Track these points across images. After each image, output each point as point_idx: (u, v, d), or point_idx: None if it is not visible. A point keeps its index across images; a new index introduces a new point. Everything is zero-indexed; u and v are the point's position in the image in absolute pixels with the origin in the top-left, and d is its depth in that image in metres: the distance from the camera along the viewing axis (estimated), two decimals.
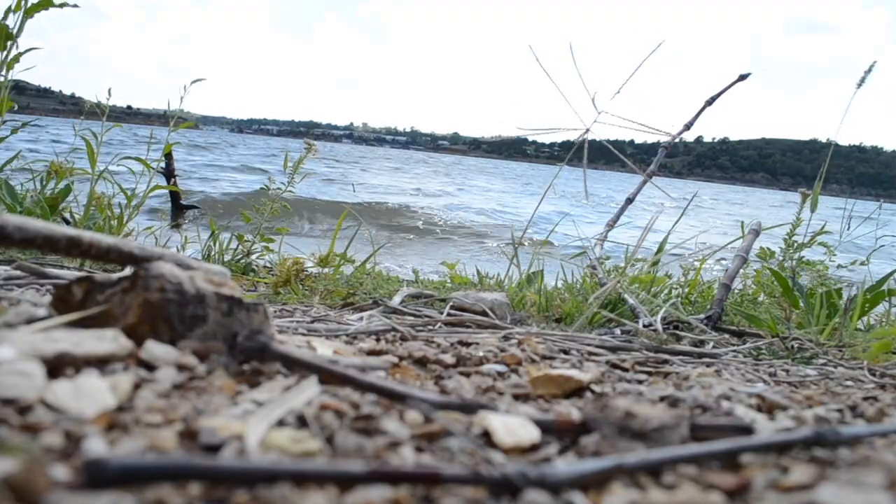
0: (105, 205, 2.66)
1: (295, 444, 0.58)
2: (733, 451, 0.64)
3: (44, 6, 2.17)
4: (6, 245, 0.75)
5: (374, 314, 1.58)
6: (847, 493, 0.54)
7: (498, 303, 1.80)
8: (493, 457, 0.60)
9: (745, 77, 2.64)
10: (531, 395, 0.91)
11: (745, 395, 0.97)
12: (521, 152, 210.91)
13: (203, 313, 0.81)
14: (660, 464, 0.60)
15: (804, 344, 1.66)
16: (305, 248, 2.52)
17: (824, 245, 2.23)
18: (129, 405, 0.62)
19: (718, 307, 1.90)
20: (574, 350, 1.34)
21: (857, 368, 1.37)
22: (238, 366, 0.80)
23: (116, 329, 0.77)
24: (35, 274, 1.53)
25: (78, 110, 2.92)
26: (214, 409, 0.65)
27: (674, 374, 1.18)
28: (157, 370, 0.72)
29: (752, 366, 1.36)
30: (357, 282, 2.23)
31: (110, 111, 2.71)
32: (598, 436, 0.68)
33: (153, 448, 0.54)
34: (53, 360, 0.67)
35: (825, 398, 1.03)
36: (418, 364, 1.04)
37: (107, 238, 0.85)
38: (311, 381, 0.75)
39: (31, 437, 0.52)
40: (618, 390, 0.99)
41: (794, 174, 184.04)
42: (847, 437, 0.71)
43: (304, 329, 1.30)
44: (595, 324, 1.82)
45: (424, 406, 0.70)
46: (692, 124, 2.66)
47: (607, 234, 2.64)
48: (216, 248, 2.75)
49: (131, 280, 0.80)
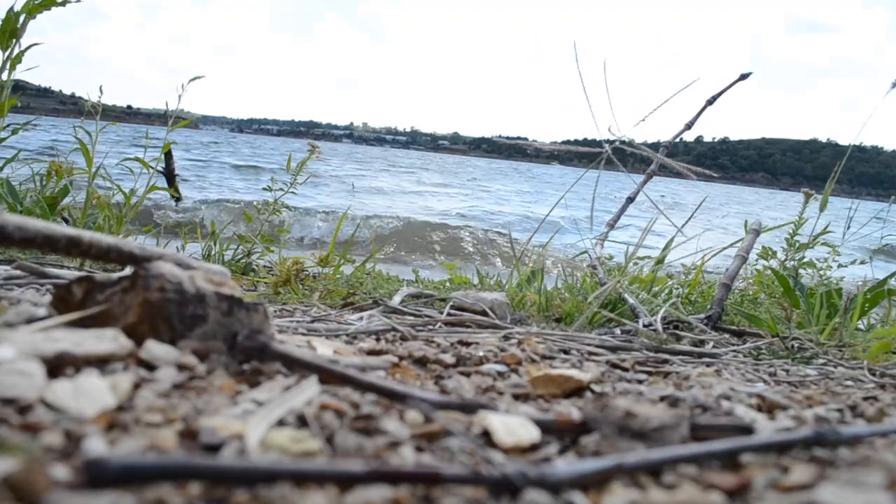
0: (105, 204, 2.66)
1: (295, 443, 0.58)
2: (733, 451, 0.64)
3: (46, 6, 2.17)
4: (6, 245, 0.75)
5: (375, 314, 1.58)
6: (847, 493, 0.54)
7: (498, 302, 1.80)
8: (493, 457, 0.60)
9: (746, 77, 2.64)
10: (531, 394, 0.90)
11: (746, 395, 0.97)
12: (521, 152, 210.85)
13: (203, 313, 0.81)
14: (660, 463, 0.60)
15: (804, 344, 1.66)
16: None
17: (828, 245, 2.23)
18: (129, 405, 0.62)
19: (718, 307, 1.90)
20: (574, 350, 1.34)
21: (857, 368, 1.37)
22: (238, 365, 0.80)
23: (116, 329, 0.77)
24: (35, 274, 1.53)
25: (78, 110, 2.92)
26: (214, 408, 0.65)
27: (674, 373, 1.18)
28: (157, 370, 0.72)
29: (753, 366, 1.36)
30: (357, 281, 2.23)
31: (110, 111, 2.71)
32: (598, 435, 0.68)
33: (153, 448, 0.54)
34: (53, 360, 0.67)
35: (825, 398, 1.03)
36: (418, 364, 1.04)
37: (107, 238, 0.85)
38: (311, 381, 0.75)
39: (32, 437, 0.52)
40: (618, 390, 0.99)
41: (794, 174, 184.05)
42: (847, 437, 0.71)
43: (304, 329, 1.30)
44: (595, 324, 1.82)
45: (424, 406, 0.70)
46: (693, 124, 2.66)
47: (608, 234, 2.64)
48: (216, 248, 2.75)
49: (131, 280, 0.80)
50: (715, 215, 11.12)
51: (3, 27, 2.08)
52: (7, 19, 2.08)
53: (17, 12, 2.09)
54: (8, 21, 2.08)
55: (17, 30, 2.12)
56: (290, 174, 2.74)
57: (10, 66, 2.18)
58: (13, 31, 2.12)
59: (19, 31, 2.14)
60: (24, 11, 2.13)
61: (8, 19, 2.08)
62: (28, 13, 2.13)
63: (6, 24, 2.09)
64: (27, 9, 2.13)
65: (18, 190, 2.52)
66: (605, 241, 2.60)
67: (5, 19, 2.08)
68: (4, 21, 2.09)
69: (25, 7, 2.14)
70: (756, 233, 2.28)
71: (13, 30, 2.11)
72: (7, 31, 2.10)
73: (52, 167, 2.71)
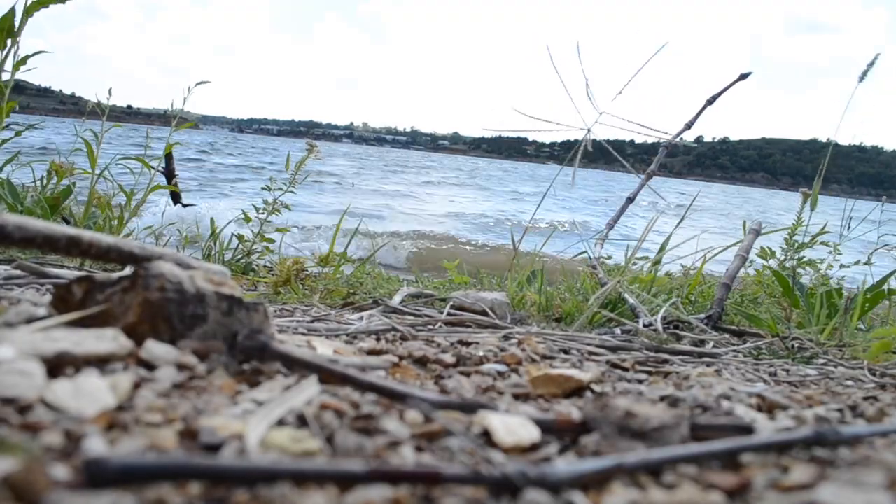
0: (105, 204, 2.66)
1: (295, 443, 0.58)
2: (733, 451, 0.64)
3: (44, 4, 2.17)
4: (6, 244, 0.75)
5: (375, 314, 1.58)
6: (847, 493, 0.54)
7: (498, 302, 1.80)
8: (493, 456, 0.60)
9: (746, 76, 2.64)
10: (531, 394, 0.90)
11: (746, 395, 0.97)
12: (521, 152, 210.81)
13: (203, 313, 0.81)
14: (660, 463, 0.60)
15: (804, 344, 1.66)
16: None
17: (827, 244, 2.23)
18: (129, 404, 0.62)
19: (718, 307, 1.90)
20: (574, 350, 1.33)
21: (858, 368, 1.37)
22: (238, 365, 0.80)
23: (116, 328, 0.77)
24: (35, 273, 1.53)
25: (78, 110, 2.93)
26: (214, 408, 0.65)
27: (674, 373, 1.18)
28: (157, 370, 0.72)
29: (753, 365, 1.36)
30: (357, 281, 2.23)
31: (110, 111, 2.71)
32: (598, 435, 0.68)
33: (153, 447, 0.54)
34: (53, 360, 0.67)
35: (825, 398, 1.03)
36: (418, 364, 1.04)
37: (107, 237, 0.85)
38: (311, 381, 0.75)
39: (31, 437, 0.52)
40: (618, 390, 0.99)
41: (794, 174, 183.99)
42: (847, 437, 0.71)
43: (304, 329, 1.30)
44: (595, 323, 1.82)
45: (424, 406, 0.70)
46: (693, 124, 2.66)
47: (608, 234, 2.64)
48: (216, 248, 2.75)
49: (131, 279, 0.80)
50: (731, 217, 10.91)
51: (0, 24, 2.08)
52: (4, 17, 2.08)
53: (12, 10, 2.09)
54: (4, 19, 2.08)
55: (13, 28, 2.12)
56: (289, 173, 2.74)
57: (13, 69, 2.19)
58: (10, 29, 2.11)
59: (16, 30, 2.13)
60: (27, 12, 2.13)
61: (4, 18, 2.08)
62: (25, 11, 2.13)
63: (3, 22, 2.09)
64: (25, 7, 2.13)
65: (21, 190, 2.52)
66: (604, 240, 2.60)
67: (2, 18, 2.08)
68: (2, 19, 2.08)
69: (27, 7, 2.14)
70: (756, 233, 2.27)
71: (10, 28, 2.11)
72: (4, 30, 2.10)
73: (53, 167, 2.71)
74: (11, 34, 2.13)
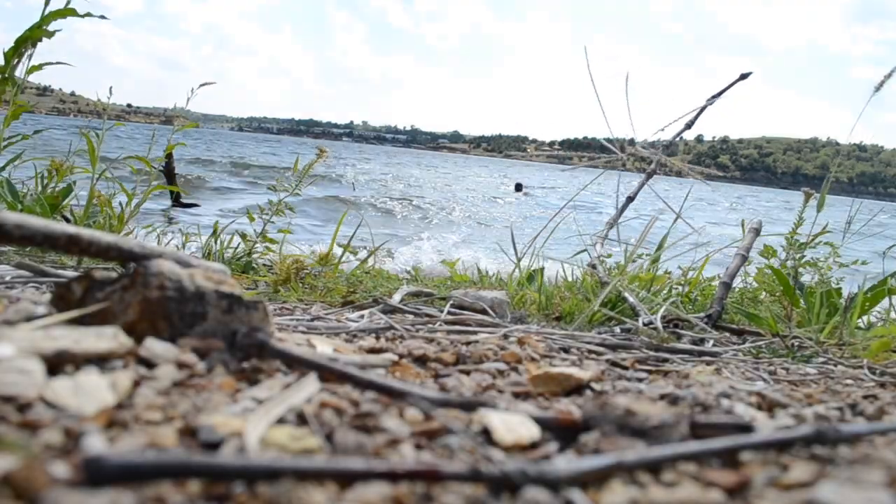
0: (106, 202, 2.66)
1: (295, 441, 0.58)
2: (733, 449, 0.64)
3: (62, 15, 2.18)
4: (6, 243, 0.75)
5: (374, 312, 1.58)
6: (847, 491, 0.54)
7: (498, 301, 1.80)
8: (492, 454, 0.60)
9: (746, 76, 2.64)
10: (531, 392, 0.90)
11: (745, 394, 0.97)
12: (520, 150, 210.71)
13: (203, 311, 0.81)
14: (660, 461, 0.60)
15: (804, 342, 1.66)
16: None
17: (829, 244, 2.23)
18: (128, 402, 0.62)
19: (719, 305, 1.90)
20: (574, 348, 1.34)
21: (858, 367, 1.37)
22: (238, 363, 0.80)
23: (116, 326, 0.77)
24: (34, 272, 1.53)
25: (78, 108, 2.93)
26: (214, 406, 0.65)
27: (674, 372, 1.18)
28: (157, 367, 0.72)
29: (752, 364, 1.36)
30: (357, 280, 2.23)
31: (110, 109, 2.71)
32: (597, 433, 0.68)
33: (153, 445, 0.54)
34: (53, 358, 0.67)
35: (825, 396, 1.03)
36: (418, 362, 1.04)
37: (106, 236, 0.85)
38: (311, 379, 0.75)
39: (31, 435, 0.52)
40: (618, 388, 0.99)
41: (794, 173, 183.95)
42: (847, 435, 0.71)
43: (303, 327, 1.30)
44: (595, 322, 1.82)
45: (424, 404, 0.70)
46: (693, 123, 2.66)
47: (608, 233, 2.64)
48: (217, 247, 2.75)
49: (131, 277, 0.80)
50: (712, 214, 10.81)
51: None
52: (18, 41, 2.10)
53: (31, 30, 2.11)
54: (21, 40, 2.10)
55: (29, 39, 2.14)
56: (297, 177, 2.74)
57: (26, 72, 2.20)
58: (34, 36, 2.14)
59: (27, 44, 2.15)
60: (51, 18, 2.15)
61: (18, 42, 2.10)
62: (42, 20, 2.14)
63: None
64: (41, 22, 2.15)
65: (21, 190, 2.52)
66: (605, 239, 2.60)
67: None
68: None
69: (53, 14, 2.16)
70: (756, 231, 2.27)
71: (34, 36, 2.14)
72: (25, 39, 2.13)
73: (53, 165, 2.70)
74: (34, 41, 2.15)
